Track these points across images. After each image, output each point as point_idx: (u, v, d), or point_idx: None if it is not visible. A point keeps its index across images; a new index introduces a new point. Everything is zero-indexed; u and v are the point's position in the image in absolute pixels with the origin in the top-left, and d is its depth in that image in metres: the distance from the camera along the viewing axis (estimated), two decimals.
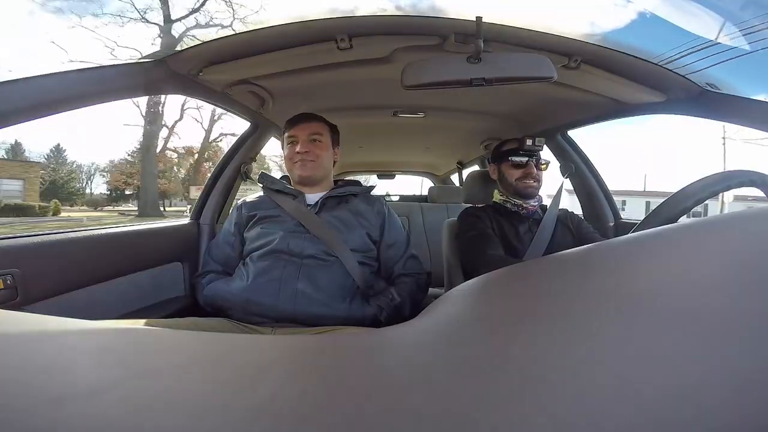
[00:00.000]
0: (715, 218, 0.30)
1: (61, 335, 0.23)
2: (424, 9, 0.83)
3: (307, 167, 0.98)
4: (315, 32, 0.86)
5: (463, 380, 0.17)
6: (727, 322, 0.17)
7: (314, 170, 1.00)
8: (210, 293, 0.93)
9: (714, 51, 0.83)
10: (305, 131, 1.00)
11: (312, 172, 0.99)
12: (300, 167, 0.98)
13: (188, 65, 0.91)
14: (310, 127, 1.01)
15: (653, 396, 0.13)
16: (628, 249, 0.31)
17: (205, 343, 0.25)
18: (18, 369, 0.18)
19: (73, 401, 0.15)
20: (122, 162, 25.28)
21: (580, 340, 0.19)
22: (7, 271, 0.70)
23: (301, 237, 0.92)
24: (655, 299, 0.21)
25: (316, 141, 1.00)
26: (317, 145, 1.00)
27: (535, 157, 1.10)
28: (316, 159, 0.99)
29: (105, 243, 0.95)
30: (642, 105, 1.10)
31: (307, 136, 0.99)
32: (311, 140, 1.00)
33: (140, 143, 20.55)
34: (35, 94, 0.67)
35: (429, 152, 2.49)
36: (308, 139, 0.99)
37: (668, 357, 0.16)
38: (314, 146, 1.00)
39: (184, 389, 0.17)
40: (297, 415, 0.15)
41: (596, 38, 0.87)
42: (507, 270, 0.38)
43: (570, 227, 1.13)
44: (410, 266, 1.01)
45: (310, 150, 0.98)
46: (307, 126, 1.01)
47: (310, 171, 0.99)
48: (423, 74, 0.72)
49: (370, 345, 0.25)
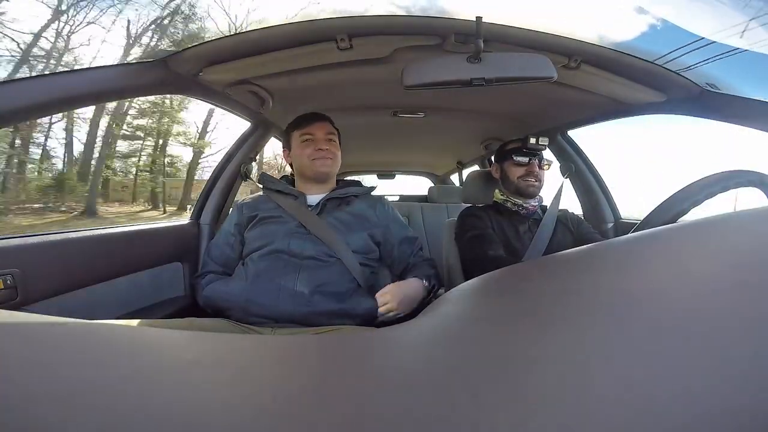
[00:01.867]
0: (714, 218, 0.30)
1: (61, 335, 0.23)
2: (424, 9, 0.83)
3: (327, 164, 1.01)
4: (315, 32, 0.86)
5: (464, 380, 0.17)
6: (727, 322, 0.17)
7: (333, 167, 1.02)
8: (209, 294, 0.93)
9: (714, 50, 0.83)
10: (322, 130, 1.02)
11: (331, 170, 1.02)
12: (321, 164, 1.00)
13: (188, 65, 0.91)
14: (326, 126, 1.04)
15: (653, 396, 0.13)
16: (628, 249, 0.31)
17: (205, 344, 0.25)
18: (18, 369, 0.18)
19: (73, 401, 0.15)
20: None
21: (579, 340, 0.19)
22: (7, 271, 0.70)
23: (302, 238, 0.92)
24: (654, 299, 0.21)
25: (331, 140, 1.03)
26: (333, 145, 1.03)
27: (538, 156, 1.11)
28: (334, 157, 1.02)
29: (105, 243, 0.95)
30: (642, 105, 1.10)
31: (324, 135, 1.02)
32: (328, 139, 1.02)
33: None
34: (35, 94, 0.67)
35: (429, 152, 2.49)
36: (325, 138, 1.02)
37: (668, 357, 0.16)
38: (331, 145, 1.02)
39: (184, 389, 0.17)
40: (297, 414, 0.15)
41: (596, 38, 0.87)
42: (507, 270, 0.38)
43: (570, 227, 1.13)
44: (421, 255, 1.06)
45: (329, 148, 1.01)
46: (323, 125, 1.03)
47: (330, 168, 1.01)
48: (423, 74, 0.72)
49: (370, 345, 0.25)
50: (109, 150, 11.96)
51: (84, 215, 9.92)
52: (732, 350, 0.15)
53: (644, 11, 0.86)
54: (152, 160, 12.96)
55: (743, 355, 0.15)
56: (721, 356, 0.15)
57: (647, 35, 0.87)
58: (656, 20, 0.86)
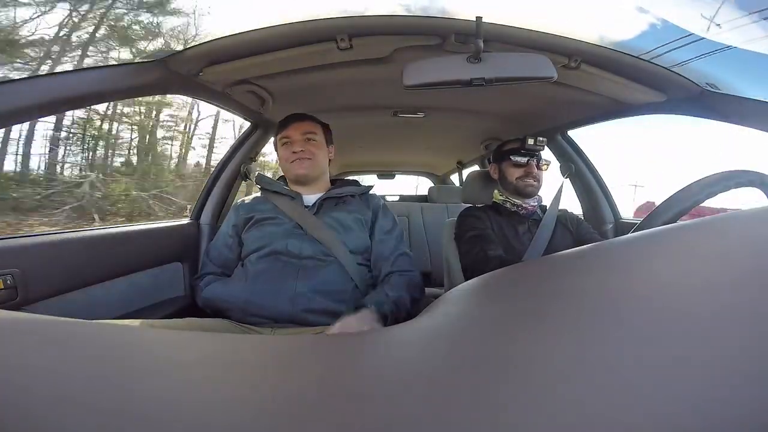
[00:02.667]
0: (714, 218, 0.30)
1: (61, 335, 0.23)
2: (424, 9, 0.83)
3: (303, 165, 0.98)
4: (315, 32, 0.86)
5: (463, 380, 0.17)
6: (728, 321, 0.17)
7: (310, 169, 1.00)
8: (209, 295, 0.93)
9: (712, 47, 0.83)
10: (298, 130, 1.00)
11: (308, 171, 0.99)
12: (297, 166, 0.98)
13: (188, 65, 0.91)
14: (303, 126, 1.01)
15: (653, 396, 0.13)
16: (628, 249, 0.31)
17: (205, 344, 0.25)
18: (18, 369, 0.18)
19: (73, 401, 0.15)
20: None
21: (579, 340, 0.19)
22: (7, 271, 0.70)
23: (300, 238, 0.91)
24: (654, 299, 0.21)
25: (310, 140, 1.00)
26: (312, 144, 1.00)
27: (536, 156, 1.10)
28: (312, 157, 0.99)
29: (105, 243, 0.95)
30: (642, 105, 1.10)
31: (301, 135, 1.00)
32: (305, 139, 1.00)
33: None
34: (35, 94, 0.67)
35: (429, 152, 2.49)
36: (302, 138, 1.00)
37: (668, 357, 0.16)
38: (309, 145, 1.00)
39: (183, 389, 0.17)
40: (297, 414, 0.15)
41: (596, 38, 0.87)
42: (507, 270, 0.38)
43: (569, 227, 1.13)
44: (400, 264, 0.95)
45: (305, 149, 0.99)
46: (299, 125, 1.01)
47: (306, 169, 0.99)
48: (423, 74, 0.72)
49: (370, 345, 0.25)
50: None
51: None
52: (732, 350, 0.15)
53: (645, 11, 0.86)
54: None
55: (743, 354, 0.15)
56: (721, 356, 0.15)
57: (647, 35, 0.88)
58: (656, 20, 0.86)
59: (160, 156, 8.42)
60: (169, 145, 8.44)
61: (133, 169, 7.74)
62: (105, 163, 7.34)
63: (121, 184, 7.05)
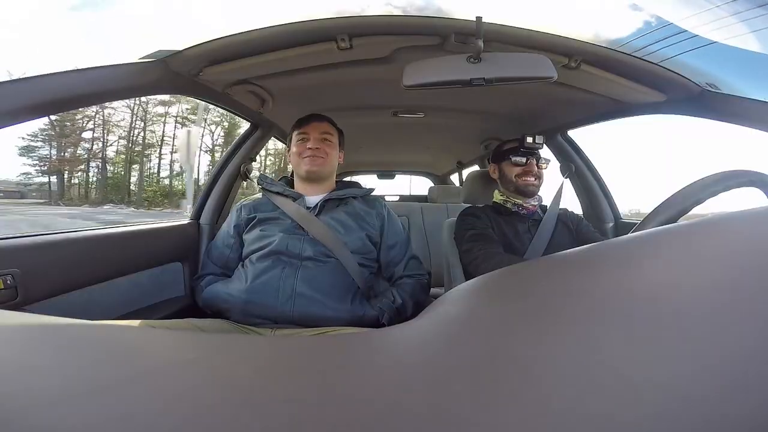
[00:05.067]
0: (714, 218, 0.30)
1: (61, 335, 0.23)
2: (424, 9, 0.83)
3: (316, 163, 1.00)
4: (315, 32, 0.86)
5: (463, 380, 0.17)
6: (728, 321, 0.17)
7: (322, 166, 1.01)
8: (209, 295, 0.93)
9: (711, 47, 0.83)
10: (317, 129, 1.03)
11: (320, 168, 1.01)
12: (309, 162, 1.00)
13: (188, 65, 0.91)
14: (322, 126, 1.04)
15: (652, 395, 0.13)
16: (628, 249, 0.31)
17: (205, 344, 0.25)
18: (18, 369, 0.18)
19: (73, 401, 0.15)
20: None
21: (579, 340, 0.19)
22: (7, 271, 0.70)
23: (300, 238, 0.92)
24: (654, 299, 0.21)
25: (326, 140, 1.03)
26: (327, 144, 1.03)
27: (536, 155, 1.10)
28: (326, 156, 1.02)
29: (105, 243, 0.95)
30: (642, 105, 1.10)
31: (319, 134, 1.02)
32: (322, 139, 1.02)
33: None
34: (35, 94, 0.67)
35: (429, 152, 2.49)
36: (320, 137, 1.02)
37: (668, 357, 0.16)
38: (324, 144, 1.02)
39: (183, 390, 0.17)
40: (297, 414, 0.15)
41: (596, 38, 0.87)
42: (507, 270, 0.38)
43: (570, 227, 1.13)
44: (412, 267, 1.03)
45: (320, 147, 1.01)
46: (318, 125, 1.04)
47: (318, 167, 1.01)
48: (423, 74, 0.72)
49: (370, 345, 0.25)
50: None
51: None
52: (732, 350, 0.15)
53: (644, 11, 0.86)
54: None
55: (743, 354, 0.15)
56: (721, 356, 0.15)
57: (647, 35, 0.88)
58: (656, 20, 0.86)
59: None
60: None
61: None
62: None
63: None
